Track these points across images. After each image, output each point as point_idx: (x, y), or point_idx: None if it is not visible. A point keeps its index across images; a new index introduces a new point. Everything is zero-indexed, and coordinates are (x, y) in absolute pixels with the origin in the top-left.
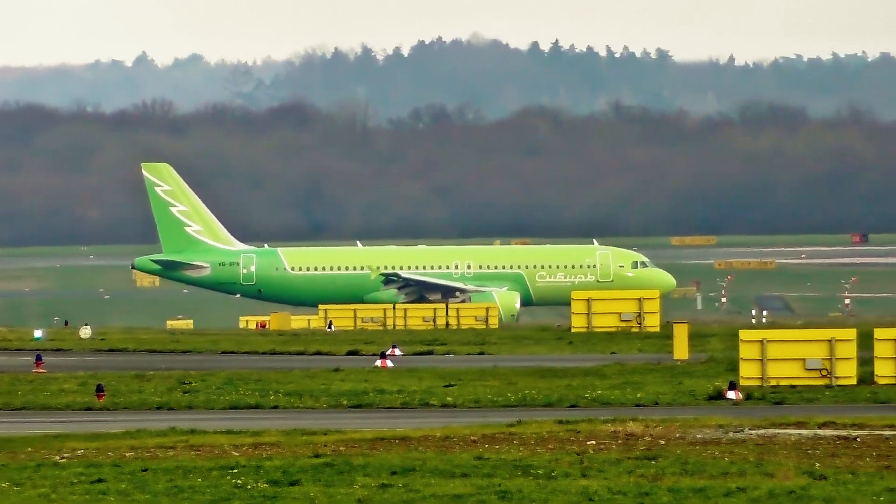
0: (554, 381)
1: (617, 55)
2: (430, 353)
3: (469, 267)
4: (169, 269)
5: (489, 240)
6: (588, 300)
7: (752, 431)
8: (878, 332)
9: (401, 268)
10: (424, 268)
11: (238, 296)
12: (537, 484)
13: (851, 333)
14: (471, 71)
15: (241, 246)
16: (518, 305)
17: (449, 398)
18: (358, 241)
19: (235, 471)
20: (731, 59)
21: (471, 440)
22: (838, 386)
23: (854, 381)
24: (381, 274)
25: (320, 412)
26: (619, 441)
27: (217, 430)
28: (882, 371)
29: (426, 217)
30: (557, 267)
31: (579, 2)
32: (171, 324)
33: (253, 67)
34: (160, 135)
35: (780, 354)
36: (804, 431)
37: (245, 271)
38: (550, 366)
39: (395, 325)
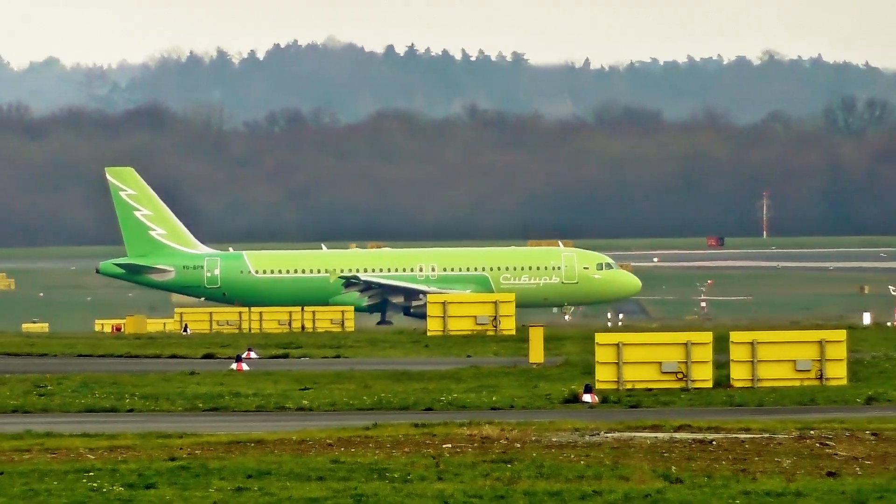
0: (410, 384)
1: (472, 59)
2: (285, 356)
3: (433, 269)
4: (133, 273)
5: (343, 243)
6: (444, 303)
7: (608, 435)
8: (734, 336)
9: (364, 270)
10: (389, 270)
11: (202, 299)
12: (393, 487)
13: (707, 337)
14: (326, 75)
15: (205, 249)
16: None
17: (305, 401)
18: (323, 245)
19: (91, 474)
20: (587, 62)
21: (327, 443)
22: (694, 389)
23: (710, 385)
24: (341, 277)
25: (176, 415)
26: (475, 444)
27: (73, 433)
28: (737, 374)
29: (281, 220)
30: (522, 269)
31: (434, 5)
32: (26, 327)
33: (108, 71)
34: (15, 138)
35: (635, 358)
36: (660, 435)
37: (209, 274)
38: (406, 369)
39: (250, 329)
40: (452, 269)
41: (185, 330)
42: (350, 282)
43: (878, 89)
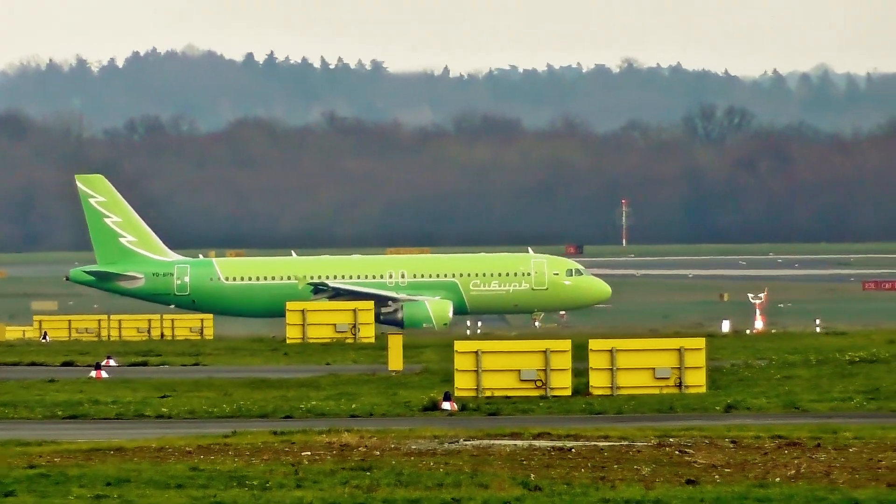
0: (269, 391)
1: (331, 66)
2: (145, 363)
3: (403, 276)
4: (103, 281)
5: (204, 250)
6: (303, 311)
7: (468, 442)
8: (593, 344)
9: (334, 277)
10: (359, 277)
11: (172, 306)
12: (252, 495)
13: (566, 345)
14: (185, 82)
15: (175, 256)
16: (451, 314)
17: (164, 409)
18: (293, 251)
19: None
20: (446, 70)
21: (186, 451)
22: (553, 397)
23: (569, 392)
24: (309, 283)
25: (35, 423)
26: (334, 452)
27: None
28: (596, 382)
29: None
30: (492, 275)
31: (294, 13)
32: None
33: None
34: None
35: (495, 365)
36: (519, 442)
37: (179, 282)
38: (265, 377)
39: (109, 336)
40: (422, 276)
41: (45, 337)
42: (318, 288)
43: (736, 97)
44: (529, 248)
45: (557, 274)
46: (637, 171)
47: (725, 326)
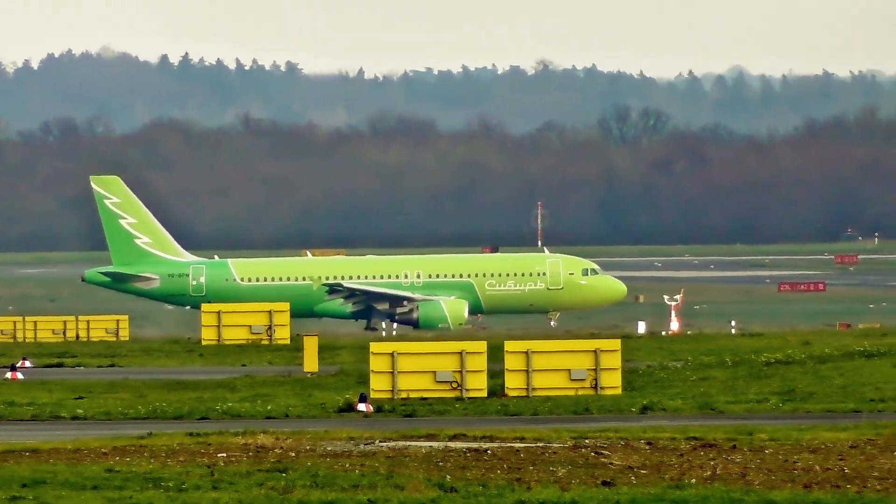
0: (185, 393)
1: (247, 68)
2: (60, 365)
3: (418, 276)
4: (119, 282)
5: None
6: (218, 312)
7: (383, 444)
8: (508, 345)
9: (349, 278)
10: (374, 277)
11: (188, 308)
12: (168, 496)
13: (481, 346)
14: (100, 84)
15: (190, 257)
16: (466, 314)
17: (79, 410)
18: (308, 252)
19: None
20: (361, 72)
21: (101, 452)
22: (469, 398)
23: (484, 394)
24: (324, 284)
25: None
26: (250, 453)
27: None
28: (512, 384)
29: (56, 230)
30: (507, 275)
31: (208, 15)
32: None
33: None
34: None
35: (410, 367)
36: (435, 444)
37: (195, 283)
38: (181, 378)
39: (24, 338)
40: (437, 276)
41: None
42: (334, 289)
43: (651, 98)
44: (545, 249)
45: (573, 274)
46: (552, 173)
47: (641, 328)
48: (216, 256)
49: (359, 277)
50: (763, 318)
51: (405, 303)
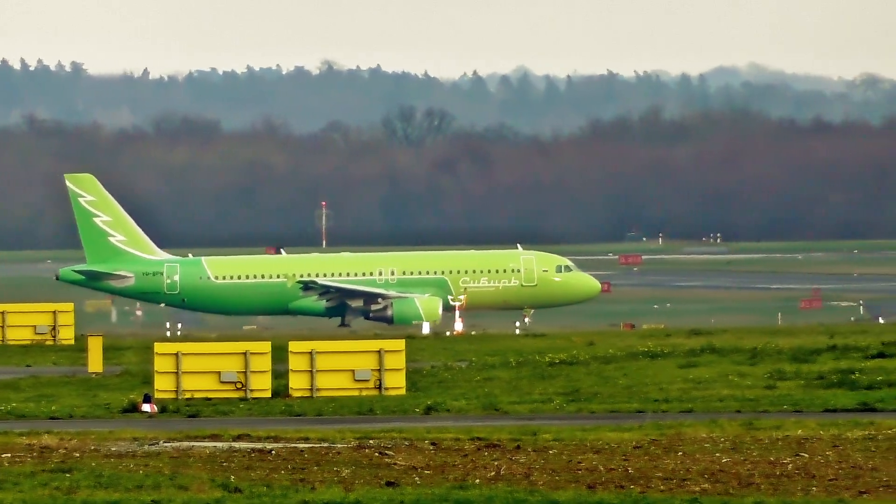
0: None
1: (31, 68)
2: None
3: (392, 273)
4: (93, 280)
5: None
6: (3, 313)
7: (168, 444)
8: (292, 346)
9: (323, 275)
10: (348, 275)
11: (162, 305)
12: None
13: (266, 346)
14: None
15: (165, 255)
16: (440, 311)
17: None
18: (282, 249)
19: None
20: (146, 72)
21: None
22: (253, 399)
23: (269, 394)
24: (298, 282)
25: None
26: (34, 454)
27: None
28: (296, 384)
29: None
30: (481, 272)
31: None
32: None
33: None
34: None
35: (195, 367)
36: (219, 444)
37: (169, 281)
38: None
39: None
40: (411, 273)
41: None
42: (308, 286)
43: (436, 99)
44: (519, 245)
45: (547, 271)
46: (336, 173)
47: (425, 328)
48: (190, 254)
49: (333, 275)
50: (547, 318)
51: (379, 300)
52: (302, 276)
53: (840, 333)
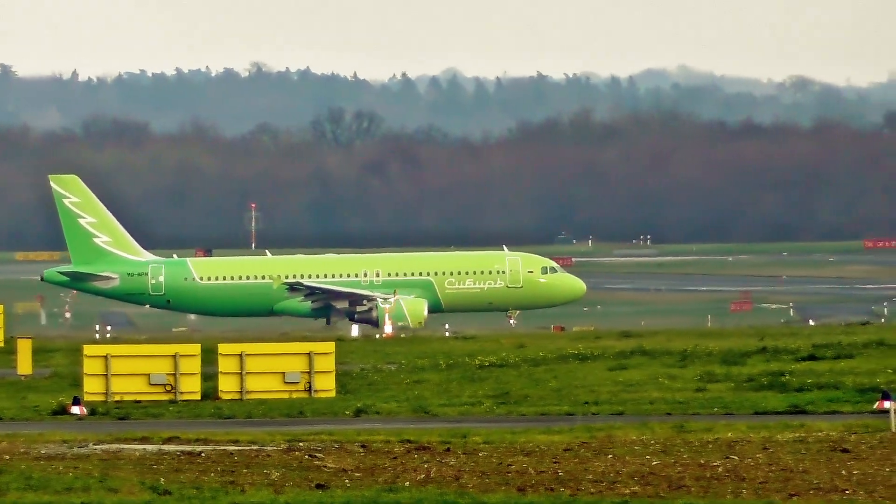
0: None
1: None
2: None
3: (377, 275)
4: (78, 281)
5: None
6: None
7: (97, 447)
8: (222, 348)
9: (308, 276)
10: (333, 276)
11: (147, 306)
12: None
13: (196, 349)
14: None
15: (149, 256)
16: (426, 313)
17: None
18: (267, 251)
19: None
20: (75, 73)
21: None
22: (183, 401)
23: (198, 397)
24: (284, 283)
25: None
26: None
27: None
28: (226, 386)
29: None
30: (467, 273)
31: None
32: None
33: None
34: None
35: (124, 370)
36: (149, 447)
37: (154, 282)
38: None
39: None
40: (397, 275)
41: None
42: (293, 287)
43: (365, 101)
44: (504, 247)
45: (532, 272)
46: (266, 175)
47: (355, 331)
48: (175, 255)
49: (319, 276)
50: (477, 321)
51: (365, 301)
52: (288, 277)
53: (770, 336)
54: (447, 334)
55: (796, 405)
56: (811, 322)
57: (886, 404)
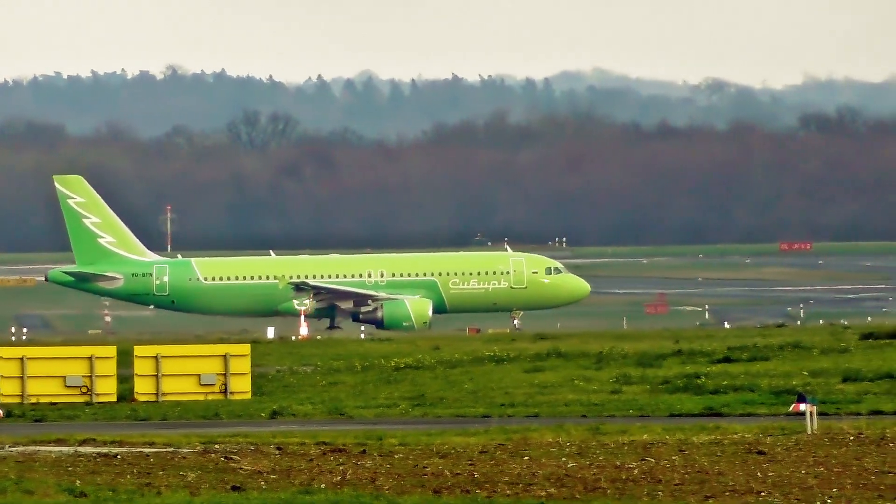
0: None
1: None
2: None
3: (382, 275)
4: (82, 282)
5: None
6: None
7: (13, 449)
8: (138, 350)
9: (313, 277)
10: (338, 276)
11: (152, 307)
12: None
13: (111, 351)
14: None
15: (154, 257)
16: (430, 313)
17: None
18: (271, 251)
19: None
20: None
21: None
22: (98, 403)
23: (114, 399)
24: (290, 283)
25: None
26: None
27: None
28: (141, 388)
29: None
30: (471, 274)
31: None
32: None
33: None
34: None
35: (40, 372)
36: (65, 449)
37: (158, 282)
38: None
39: None
40: (401, 275)
41: None
42: (299, 287)
43: (281, 103)
44: (508, 247)
45: (536, 272)
46: (181, 178)
47: (270, 333)
48: (179, 256)
49: (324, 277)
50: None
51: (370, 302)
52: (293, 277)
53: (685, 338)
54: (362, 336)
55: (712, 407)
56: (727, 324)
57: (802, 406)
